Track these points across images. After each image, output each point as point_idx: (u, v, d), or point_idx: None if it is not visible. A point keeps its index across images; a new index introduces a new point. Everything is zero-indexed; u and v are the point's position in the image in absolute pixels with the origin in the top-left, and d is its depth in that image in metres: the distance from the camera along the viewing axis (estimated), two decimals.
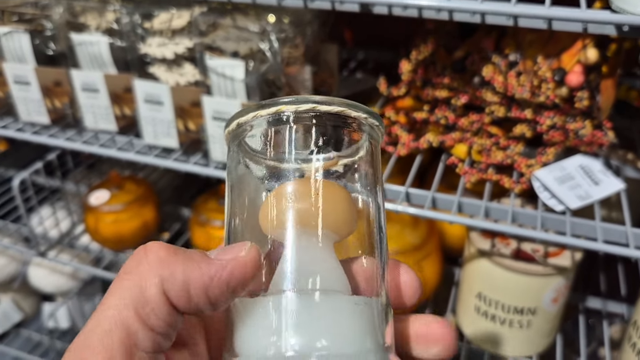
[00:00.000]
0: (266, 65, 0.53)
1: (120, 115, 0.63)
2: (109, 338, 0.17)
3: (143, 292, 0.17)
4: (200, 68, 0.56)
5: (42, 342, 0.98)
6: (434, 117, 0.58)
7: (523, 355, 0.62)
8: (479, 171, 0.56)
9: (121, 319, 0.17)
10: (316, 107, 0.20)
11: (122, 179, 0.80)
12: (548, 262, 0.56)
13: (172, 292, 0.18)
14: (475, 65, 0.57)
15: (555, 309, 0.59)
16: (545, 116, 0.54)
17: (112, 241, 0.77)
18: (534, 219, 0.52)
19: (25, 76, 0.63)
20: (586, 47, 0.53)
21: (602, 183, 0.53)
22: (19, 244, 0.87)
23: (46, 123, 0.66)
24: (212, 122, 0.56)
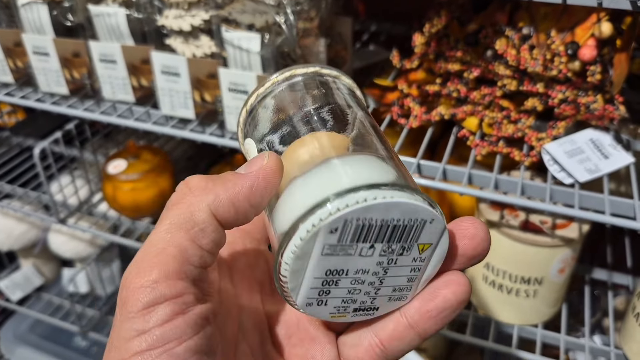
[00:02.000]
0: (281, 38, 0.54)
1: (137, 86, 0.64)
2: (163, 254, 0.19)
3: (192, 216, 0.20)
4: (216, 40, 0.56)
5: (63, 306, 1.01)
6: (446, 90, 0.59)
7: (529, 324, 0.64)
8: (489, 144, 0.57)
9: (173, 238, 0.20)
10: (295, 72, 0.26)
11: (138, 148, 0.82)
12: (555, 233, 0.57)
13: (220, 211, 0.20)
14: (489, 38, 0.57)
15: (562, 279, 0.61)
16: (557, 90, 0.55)
17: (129, 209, 0.79)
18: (542, 192, 0.53)
19: (44, 47, 0.65)
20: (600, 20, 0.53)
21: (612, 157, 0.54)
22: (39, 212, 0.89)
23: (65, 93, 0.67)
24: (228, 93, 0.57)
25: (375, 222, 0.20)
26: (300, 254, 0.20)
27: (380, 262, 0.21)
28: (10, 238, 0.94)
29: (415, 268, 0.22)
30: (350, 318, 0.23)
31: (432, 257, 0.22)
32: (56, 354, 1.00)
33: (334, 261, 0.20)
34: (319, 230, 0.19)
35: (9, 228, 0.94)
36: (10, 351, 1.02)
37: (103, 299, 1.02)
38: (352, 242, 0.20)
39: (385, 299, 0.22)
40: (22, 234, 0.95)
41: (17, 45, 0.67)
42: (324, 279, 0.21)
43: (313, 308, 0.22)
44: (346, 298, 0.22)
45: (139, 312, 0.18)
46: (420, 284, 0.22)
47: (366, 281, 0.21)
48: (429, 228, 0.21)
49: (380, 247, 0.20)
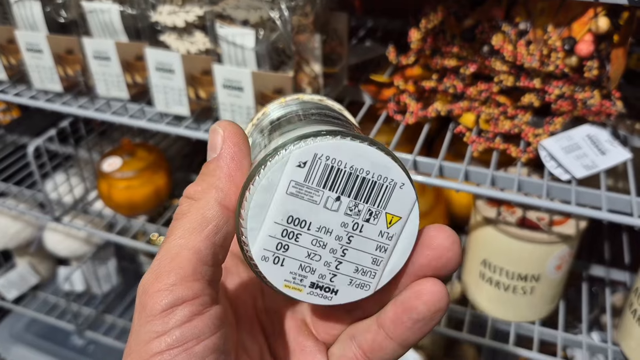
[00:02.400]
0: (276, 34, 0.54)
1: (131, 83, 0.64)
2: (178, 258, 0.20)
3: (204, 217, 0.20)
4: (210, 36, 0.56)
5: (59, 304, 1.01)
6: (443, 86, 0.58)
7: (526, 320, 0.64)
8: (486, 140, 0.57)
9: (187, 242, 0.20)
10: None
11: (133, 146, 0.81)
12: (552, 230, 0.57)
13: (227, 199, 0.21)
14: (485, 34, 0.57)
15: (559, 276, 0.60)
16: (553, 86, 0.54)
17: (124, 207, 0.78)
18: (539, 188, 0.52)
19: (37, 44, 0.64)
20: (597, 15, 0.53)
21: (609, 153, 0.54)
22: (34, 210, 0.89)
23: (59, 91, 0.67)
24: (223, 90, 0.57)
25: (344, 167, 0.20)
26: (265, 185, 0.19)
27: (345, 224, 0.20)
28: (5, 237, 0.94)
29: (381, 247, 0.21)
30: (306, 295, 0.21)
31: (400, 238, 0.21)
32: (52, 353, 1.00)
33: (297, 205, 0.20)
34: (288, 159, 0.19)
35: (4, 226, 0.94)
36: (6, 350, 1.01)
37: (99, 297, 1.02)
38: (318, 185, 0.20)
39: (346, 280, 0.21)
40: (17, 233, 0.94)
41: (10, 42, 0.66)
42: (284, 227, 0.20)
43: (269, 265, 0.21)
44: (304, 263, 0.21)
45: (158, 315, 0.19)
46: (385, 273, 0.22)
47: (328, 245, 0.21)
48: (398, 194, 0.20)
49: (346, 202, 0.20)
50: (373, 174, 0.20)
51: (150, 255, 0.95)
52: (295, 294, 0.21)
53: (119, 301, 1.02)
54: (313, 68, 0.59)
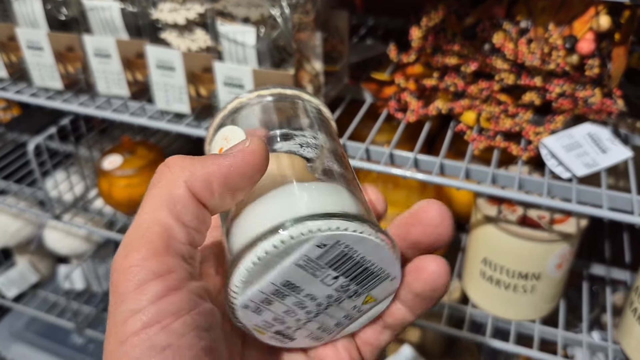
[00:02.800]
0: (277, 32, 0.54)
1: (132, 81, 0.64)
2: (148, 233, 0.19)
3: (171, 194, 0.20)
4: (211, 34, 0.56)
5: (59, 303, 1.01)
6: (444, 84, 0.58)
7: (526, 319, 0.64)
8: (487, 138, 0.57)
9: (156, 218, 0.19)
10: (261, 92, 0.25)
11: (134, 144, 0.81)
12: (553, 228, 0.57)
13: (197, 188, 0.20)
14: (486, 32, 0.57)
15: (559, 274, 0.60)
16: (554, 84, 0.54)
17: (124, 205, 0.78)
18: (540, 186, 0.52)
19: (38, 41, 0.64)
20: (598, 14, 0.53)
21: (610, 151, 0.54)
22: (34, 208, 0.89)
23: (59, 88, 0.67)
24: (224, 87, 0.57)
25: (356, 256, 0.20)
26: (278, 253, 0.19)
27: (330, 296, 0.21)
28: (5, 235, 0.94)
29: (349, 316, 0.22)
30: (267, 338, 0.23)
31: (366, 313, 0.23)
32: (52, 351, 1.00)
33: (299, 275, 0.20)
34: (312, 238, 0.19)
35: (4, 225, 0.94)
36: (6, 348, 1.01)
37: (99, 295, 1.01)
38: (326, 265, 0.20)
39: (305, 333, 0.23)
40: (17, 231, 0.94)
41: (10, 40, 0.66)
42: (277, 288, 0.20)
43: (247, 312, 0.21)
44: (279, 317, 0.21)
45: (131, 292, 0.18)
46: (339, 333, 0.23)
47: (307, 307, 0.21)
48: (386, 284, 0.22)
49: (342, 281, 0.21)
50: (376, 266, 0.21)
51: None
52: (259, 335, 0.22)
53: None
54: (314, 66, 0.59)
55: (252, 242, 0.19)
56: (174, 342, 0.18)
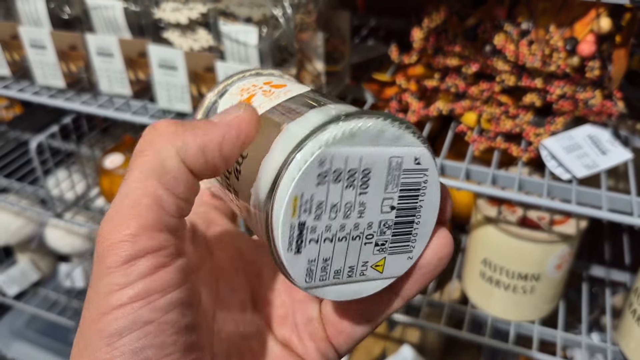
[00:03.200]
0: (279, 32, 0.54)
1: (134, 80, 0.64)
2: (138, 205, 0.18)
3: (162, 164, 0.19)
4: (213, 34, 0.56)
5: (59, 301, 1.01)
6: (445, 85, 0.59)
7: (526, 320, 0.64)
8: (487, 139, 0.57)
9: (146, 188, 0.18)
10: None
11: (135, 142, 0.81)
12: (553, 229, 0.57)
13: (190, 159, 0.19)
14: (487, 33, 0.57)
15: (559, 275, 0.60)
16: (555, 85, 0.54)
17: None
18: (540, 187, 0.53)
19: (41, 40, 0.64)
20: (599, 16, 0.53)
21: (610, 153, 0.54)
22: (36, 206, 0.89)
23: (62, 87, 0.67)
24: None
25: (420, 188, 0.20)
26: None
27: (370, 224, 0.20)
28: (7, 233, 0.94)
29: (352, 270, 0.21)
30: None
31: (359, 283, 0.21)
32: (53, 350, 1.00)
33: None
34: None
35: (6, 223, 0.94)
36: (7, 346, 1.02)
37: None
38: (394, 180, 0.20)
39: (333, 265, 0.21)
40: (19, 229, 0.95)
41: (13, 38, 0.66)
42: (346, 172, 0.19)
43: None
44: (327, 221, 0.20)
45: (119, 267, 0.18)
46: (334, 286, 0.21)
47: (346, 222, 0.20)
48: (402, 260, 0.21)
49: (389, 216, 0.20)
50: (420, 216, 0.21)
51: None
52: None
53: None
54: (315, 66, 0.59)
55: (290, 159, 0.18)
56: (158, 318, 0.18)
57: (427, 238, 0.21)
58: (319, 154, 0.18)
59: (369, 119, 0.19)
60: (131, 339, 0.17)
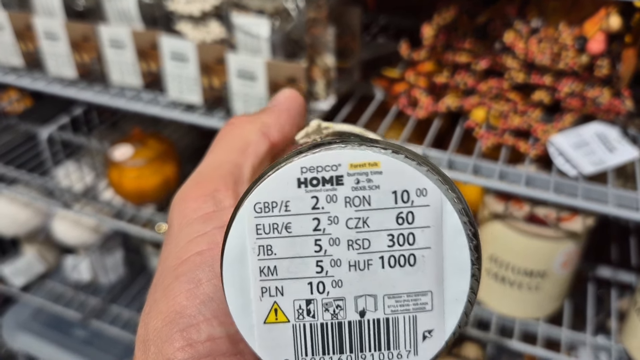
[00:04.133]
0: (291, 25, 0.54)
1: (146, 72, 0.64)
2: (220, 169, 0.20)
3: (246, 138, 0.21)
4: (226, 25, 0.57)
5: (65, 294, 1.01)
6: (454, 81, 0.59)
7: (531, 317, 0.64)
8: (495, 135, 0.57)
9: (228, 157, 0.20)
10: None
11: (144, 135, 0.82)
12: (559, 226, 0.57)
13: (272, 131, 0.21)
14: (497, 31, 0.57)
15: (565, 273, 0.60)
16: (564, 83, 0.55)
17: (134, 195, 0.79)
18: (547, 184, 0.53)
19: (54, 31, 0.65)
20: (609, 15, 0.53)
21: (617, 151, 0.54)
22: (44, 198, 0.89)
23: (74, 78, 0.68)
24: (237, 79, 0.58)
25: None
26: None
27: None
28: (15, 224, 0.95)
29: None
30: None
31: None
32: (58, 342, 1.01)
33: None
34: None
35: (14, 214, 0.95)
36: (13, 338, 1.02)
37: (105, 287, 1.02)
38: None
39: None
40: (27, 220, 0.95)
41: (27, 29, 0.67)
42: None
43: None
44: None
45: (200, 217, 0.18)
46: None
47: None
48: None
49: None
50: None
51: (157, 246, 0.96)
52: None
53: (125, 292, 1.03)
54: (326, 61, 0.60)
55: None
56: None
57: None
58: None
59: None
60: (209, 287, 0.17)
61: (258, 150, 0.21)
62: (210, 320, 0.16)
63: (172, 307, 0.16)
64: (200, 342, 0.16)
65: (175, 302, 0.17)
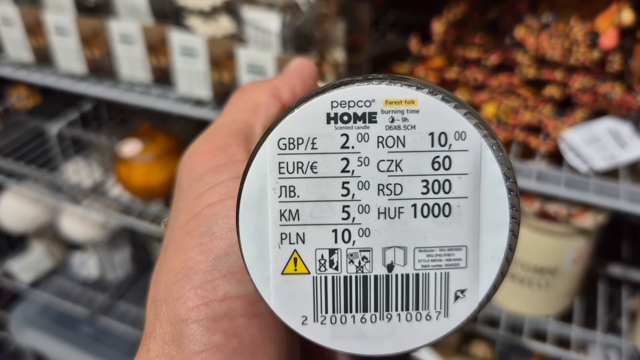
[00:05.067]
0: (301, 19, 0.54)
1: (156, 67, 0.65)
2: (230, 126, 0.19)
3: (256, 100, 0.20)
4: (236, 20, 0.57)
5: (73, 290, 1.02)
6: (464, 77, 0.59)
7: (541, 314, 0.63)
8: (506, 130, 0.57)
9: (239, 116, 0.20)
10: None
11: (153, 131, 0.82)
12: (570, 222, 0.57)
13: (282, 92, 0.21)
14: (508, 26, 0.57)
15: (575, 270, 0.60)
16: (575, 78, 0.54)
17: (142, 191, 0.79)
18: (558, 179, 0.53)
19: (65, 26, 0.65)
20: (621, 10, 0.53)
21: (629, 146, 0.54)
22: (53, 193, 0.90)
23: (84, 73, 0.68)
24: (246, 74, 0.58)
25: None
26: None
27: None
28: (24, 220, 0.95)
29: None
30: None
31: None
32: (66, 338, 1.01)
33: None
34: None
35: (23, 210, 0.95)
36: (21, 334, 1.03)
37: (113, 284, 1.02)
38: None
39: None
40: (35, 217, 0.96)
41: (38, 25, 0.68)
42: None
43: None
44: None
45: (210, 170, 0.17)
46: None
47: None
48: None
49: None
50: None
51: None
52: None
53: (133, 288, 1.03)
54: (335, 56, 0.60)
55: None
56: None
57: None
58: None
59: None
60: (223, 243, 0.15)
61: (269, 111, 0.20)
62: (226, 276, 0.15)
63: (185, 263, 0.15)
64: (216, 301, 0.15)
65: (187, 257, 0.15)
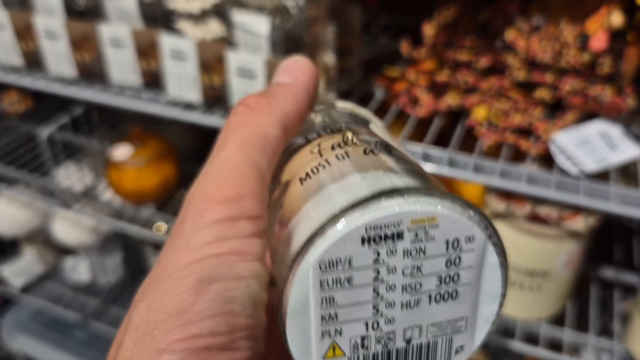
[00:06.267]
0: (291, 22, 0.54)
1: (146, 70, 0.64)
2: (244, 171, 0.18)
3: (266, 135, 0.19)
4: (225, 23, 0.57)
5: (65, 295, 1.01)
6: (455, 80, 0.59)
7: (533, 318, 0.63)
8: (496, 133, 0.57)
9: (251, 157, 0.18)
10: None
11: (144, 135, 0.82)
12: (562, 225, 0.57)
13: (292, 126, 0.20)
14: (498, 29, 0.57)
15: (567, 273, 0.60)
16: (565, 81, 0.54)
17: (133, 195, 0.79)
18: (549, 182, 0.52)
19: (55, 30, 0.65)
20: (611, 12, 0.53)
21: (619, 149, 0.54)
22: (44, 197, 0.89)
23: (75, 77, 0.68)
24: (236, 78, 0.57)
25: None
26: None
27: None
28: (15, 225, 0.95)
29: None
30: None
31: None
32: (57, 343, 1.00)
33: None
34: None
35: (14, 215, 0.95)
36: (13, 339, 1.02)
37: (105, 288, 1.02)
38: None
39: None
40: (27, 221, 0.95)
41: (28, 28, 0.67)
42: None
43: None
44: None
45: (219, 222, 0.17)
46: None
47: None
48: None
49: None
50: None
51: (156, 246, 0.96)
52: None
53: (125, 293, 1.02)
54: (326, 60, 0.59)
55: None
56: (249, 277, 0.17)
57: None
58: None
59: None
60: (221, 287, 0.16)
61: (278, 149, 0.19)
62: (215, 317, 0.16)
63: (180, 304, 0.16)
64: (201, 337, 0.16)
65: (180, 299, 0.16)
